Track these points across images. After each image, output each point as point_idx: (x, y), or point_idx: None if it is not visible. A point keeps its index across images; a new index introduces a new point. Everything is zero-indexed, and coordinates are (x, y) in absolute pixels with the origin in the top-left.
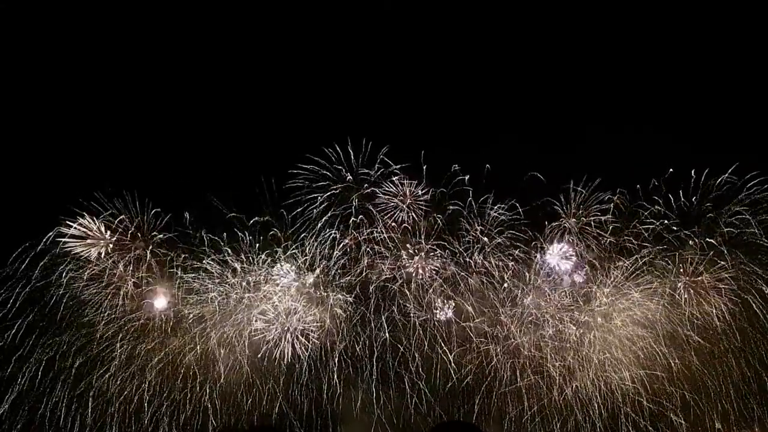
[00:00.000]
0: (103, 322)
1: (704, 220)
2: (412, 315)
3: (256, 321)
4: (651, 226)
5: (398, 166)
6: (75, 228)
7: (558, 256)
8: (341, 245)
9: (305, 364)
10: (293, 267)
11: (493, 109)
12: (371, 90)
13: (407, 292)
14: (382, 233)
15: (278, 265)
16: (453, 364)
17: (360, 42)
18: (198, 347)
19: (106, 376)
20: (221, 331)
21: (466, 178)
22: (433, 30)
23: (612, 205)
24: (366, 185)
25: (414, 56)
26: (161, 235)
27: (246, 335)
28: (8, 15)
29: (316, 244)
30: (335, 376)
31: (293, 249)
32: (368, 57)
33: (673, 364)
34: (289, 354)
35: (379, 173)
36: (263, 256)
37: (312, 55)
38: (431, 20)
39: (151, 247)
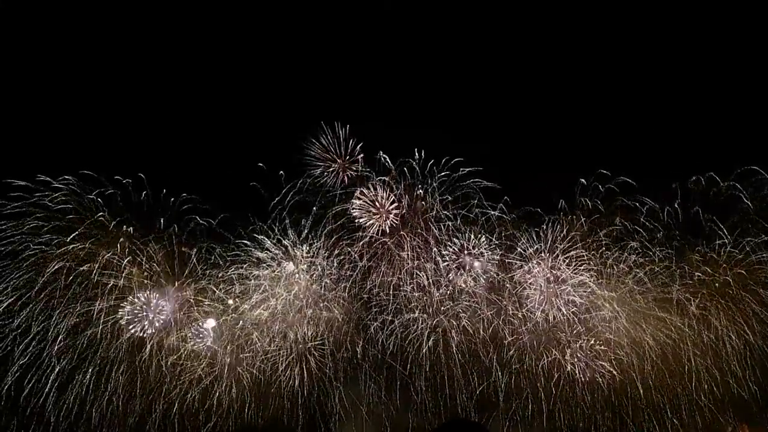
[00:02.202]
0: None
1: (706, 229)
2: (416, 322)
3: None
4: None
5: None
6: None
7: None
8: (345, 255)
9: (309, 365)
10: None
11: (492, 111)
12: (371, 92)
13: (411, 301)
14: (387, 242)
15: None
16: (458, 369)
17: (360, 42)
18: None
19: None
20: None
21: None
22: (433, 30)
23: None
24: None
25: (415, 57)
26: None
27: (253, 341)
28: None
29: (320, 252)
30: (339, 379)
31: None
32: (369, 58)
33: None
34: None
35: (397, 190)
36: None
37: (312, 58)
38: (432, 20)
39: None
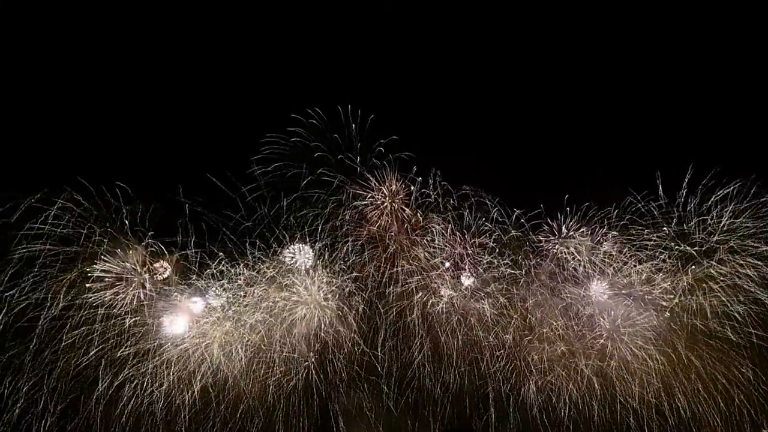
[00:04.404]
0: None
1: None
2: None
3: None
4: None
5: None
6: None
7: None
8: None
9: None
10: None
11: (492, 113)
12: (372, 92)
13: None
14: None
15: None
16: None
17: (361, 42)
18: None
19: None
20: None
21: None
22: (435, 30)
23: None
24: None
25: (416, 58)
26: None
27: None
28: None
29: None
30: (343, 390)
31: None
32: (369, 58)
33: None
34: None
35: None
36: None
37: (313, 60)
38: (433, 20)
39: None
